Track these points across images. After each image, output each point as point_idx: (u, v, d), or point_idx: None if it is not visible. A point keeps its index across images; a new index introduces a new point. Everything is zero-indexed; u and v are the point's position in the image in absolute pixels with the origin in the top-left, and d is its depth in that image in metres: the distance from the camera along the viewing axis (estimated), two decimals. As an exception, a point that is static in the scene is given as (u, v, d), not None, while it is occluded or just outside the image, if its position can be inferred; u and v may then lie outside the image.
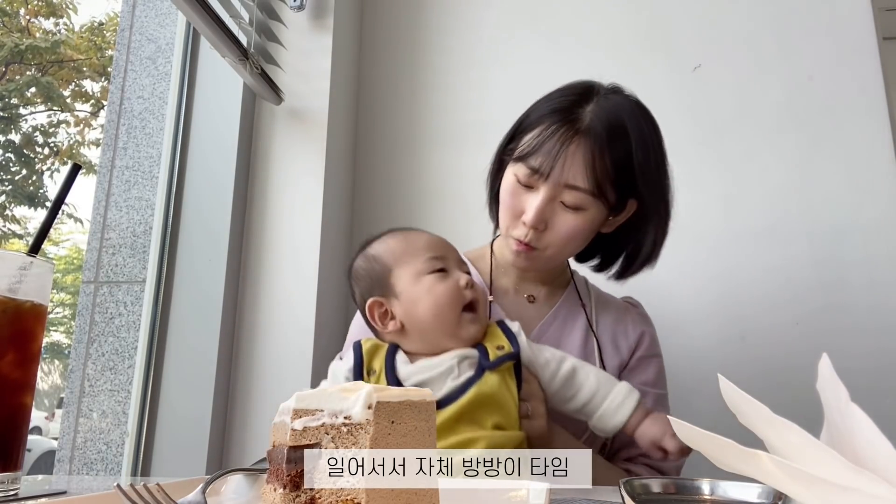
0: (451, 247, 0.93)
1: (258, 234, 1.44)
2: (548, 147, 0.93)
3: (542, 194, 0.94)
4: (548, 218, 0.96)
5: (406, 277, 0.88)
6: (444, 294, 0.86)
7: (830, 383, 0.37)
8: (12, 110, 8.31)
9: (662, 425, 0.85)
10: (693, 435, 0.38)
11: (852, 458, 0.33)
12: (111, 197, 1.47)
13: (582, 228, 0.96)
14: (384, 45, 1.78)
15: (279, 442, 0.51)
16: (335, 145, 1.54)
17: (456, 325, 0.86)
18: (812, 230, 1.48)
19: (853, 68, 1.52)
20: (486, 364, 0.83)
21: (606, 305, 1.13)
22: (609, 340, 1.07)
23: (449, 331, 0.86)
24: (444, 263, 0.89)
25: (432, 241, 0.92)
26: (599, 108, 0.96)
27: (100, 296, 1.41)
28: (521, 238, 0.97)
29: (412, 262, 0.89)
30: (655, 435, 0.85)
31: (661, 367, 1.11)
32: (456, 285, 0.87)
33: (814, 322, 1.43)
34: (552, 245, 0.97)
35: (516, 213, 0.97)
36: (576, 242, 0.99)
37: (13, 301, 0.67)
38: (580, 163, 0.92)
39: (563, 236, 0.96)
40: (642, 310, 1.15)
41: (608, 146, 0.93)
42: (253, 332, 1.39)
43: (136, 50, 1.55)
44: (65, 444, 1.34)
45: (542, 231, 0.96)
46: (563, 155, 0.92)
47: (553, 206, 0.95)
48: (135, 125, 1.50)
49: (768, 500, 0.44)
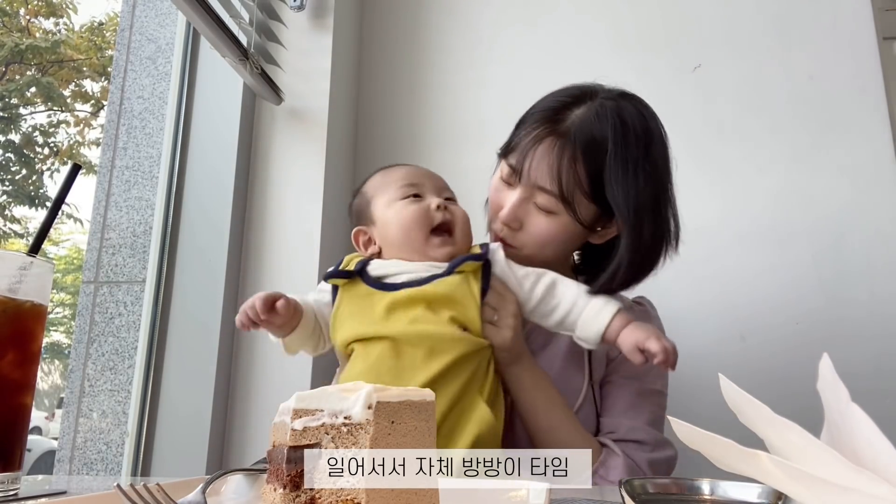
0: (430, 175, 0.97)
1: (258, 233, 1.44)
2: (523, 145, 0.94)
3: (517, 193, 0.96)
4: (522, 217, 0.96)
5: (382, 205, 0.94)
6: (410, 216, 0.91)
7: (831, 383, 0.37)
8: (12, 110, 8.31)
9: (646, 330, 0.84)
10: (693, 435, 0.38)
11: (853, 459, 0.33)
12: (111, 197, 1.47)
13: (555, 233, 0.94)
14: (384, 45, 1.78)
15: (279, 442, 0.51)
16: (335, 145, 1.54)
17: (424, 245, 0.90)
18: (812, 230, 1.48)
19: (853, 68, 1.52)
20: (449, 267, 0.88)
21: None
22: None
23: (419, 250, 0.91)
24: (418, 190, 0.93)
25: (409, 172, 0.97)
26: (587, 113, 0.92)
27: (100, 296, 1.41)
28: (497, 233, 1.00)
29: (388, 190, 0.94)
30: (639, 338, 0.83)
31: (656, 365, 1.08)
32: (425, 208, 0.91)
33: (814, 322, 1.43)
34: (527, 245, 0.97)
35: (496, 208, 1.00)
36: (552, 246, 0.96)
37: (13, 301, 0.67)
38: (546, 165, 0.91)
39: (536, 238, 0.95)
40: (649, 309, 1.11)
41: (582, 155, 0.90)
42: (253, 332, 1.38)
43: (136, 50, 1.55)
44: (65, 444, 1.34)
45: (517, 230, 0.97)
46: (532, 154, 0.92)
47: (527, 206, 0.95)
48: (135, 125, 1.50)
49: (768, 500, 0.44)
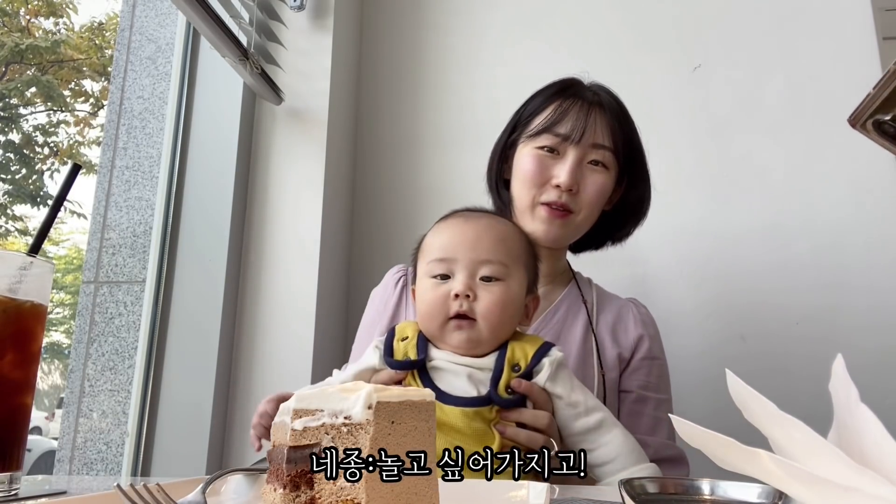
0: (471, 244, 0.85)
1: (258, 233, 1.44)
2: (573, 114, 1.04)
3: (573, 156, 1.03)
4: (580, 179, 1.04)
5: (419, 273, 0.90)
6: (430, 302, 0.85)
7: (843, 383, 0.37)
8: (12, 110, 8.31)
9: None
10: (694, 433, 0.38)
11: (859, 459, 0.33)
12: (111, 197, 1.47)
13: (607, 187, 1.06)
14: (384, 45, 1.78)
15: (279, 442, 0.51)
16: (335, 145, 1.54)
17: (440, 332, 0.84)
18: (812, 230, 1.48)
19: (853, 68, 1.52)
20: (493, 396, 0.80)
21: (609, 303, 1.13)
22: (609, 338, 1.07)
23: (437, 337, 0.85)
24: (448, 267, 0.85)
25: (446, 240, 0.88)
26: (604, 92, 1.10)
27: (100, 296, 1.41)
28: (555, 200, 1.03)
29: (423, 260, 0.89)
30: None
31: (664, 371, 1.10)
32: (444, 295, 0.83)
33: (814, 322, 1.43)
34: (585, 207, 1.05)
35: (544, 180, 1.04)
36: (600, 204, 1.07)
37: (13, 301, 0.67)
38: (605, 124, 1.05)
39: (592, 197, 1.04)
40: (646, 311, 1.14)
41: (622, 118, 1.08)
42: (253, 332, 1.39)
43: (136, 50, 1.55)
44: (65, 444, 1.34)
45: (575, 194, 1.04)
46: (592, 119, 1.04)
47: (582, 168, 1.04)
48: (135, 125, 1.50)
49: (768, 500, 0.44)
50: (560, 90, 1.08)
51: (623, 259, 1.52)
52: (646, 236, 1.38)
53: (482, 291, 0.83)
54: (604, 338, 1.07)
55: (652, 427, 1.03)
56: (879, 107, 0.49)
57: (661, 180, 1.59)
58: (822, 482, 0.32)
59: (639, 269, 1.51)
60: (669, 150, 1.57)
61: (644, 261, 1.52)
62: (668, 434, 1.04)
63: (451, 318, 0.83)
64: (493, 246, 0.85)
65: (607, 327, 1.09)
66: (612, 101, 1.09)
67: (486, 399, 0.79)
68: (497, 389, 0.80)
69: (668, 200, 1.56)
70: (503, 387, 0.80)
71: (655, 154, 1.63)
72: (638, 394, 1.05)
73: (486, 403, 0.79)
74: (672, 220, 1.53)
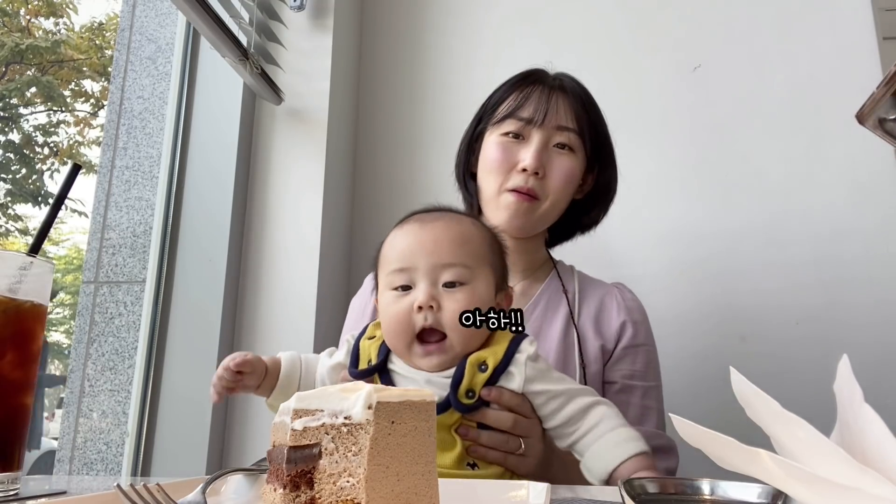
0: (430, 249, 0.80)
1: (258, 234, 1.44)
2: (534, 98, 1.05)
3: (537, 138, 1.03)
4: (545, 163, 1.03)
5: (380, 286, 0.84)
6: (393, 318, 0.79)
7: (847, 383, 0.37)
8: (12, 110, 8.31)
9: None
10: (695, 433, 0.38)
11: (861, 458, 0.33)
12: (111, 197, 1.47)
13: (575, 171, 1.05)
14: (384, 45, 1.78)
15: (279, 442, 0.51)
16: (335, 145, 1.54)
17: (406, 353, 0.79)
18: (812, 230, 1.48)
19: (853, 68, 1.52)
20: (452, 401, 0.76)
21: (592, 292, 1.09)
22: (591, 329, 1.04)
23: (404, 356, 0.80)
24: (409, 277, 0.79)
25: (404, 249, 0.81)
26: (567, 78, 1.11)
27: (100, 296, 1.41)
28: (521, 185, 1.02)
29: (382, 271, 0.83)
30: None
31: (651, 357, 1.06)
32: (407, 309, 0.77)
33: (814, 322, 1.43)
34: (552, 192, 1.03)
35: (510, 165, 1.03)
36: (568, 189, 1.06)
37: (13, 301, 0.67)
38: (568, 106, 1.05)
39: (559, 180, 1.03)
40: (631, 296, 1.10)
41: (586, 102, 1.08)
42: (253, 332, 1.39)
43: (136, 50, 1.55)
44: (65, 444, 1.34)
45: (542, 178, 1.02)
46: (554, 101, 1.04)
47: (547, 151, 1.04)
48: (135, 125, 1.50)
49: (768, 500, 0.44)
50: (522, 78, 1.10)
51: (622, 259, 1.52)
52: (645, 236, 1.38)
53: (446, 300, 0.77)
54: (586, 330, 1.04)
55: (640, 416, 1.00)
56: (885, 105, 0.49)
57: (661, 180, 1.59)
58: (822, 482, 0.32)
59: (638, 269, 1.50)
60: (669, 149, 1.58)
61: (643, 260, 1.51)
62: (658, 423, 1.01)
63: (417, 338, 0.78)
64: (452, 248, 0.79)
65: (590, 318, 1.05)
66: (576, 85, 1.09)
67: (445, 405, 0.75)
68: (458, 394, 0.75)
69: (668, 200, 1.56)
70: (464, 391, 0.76)
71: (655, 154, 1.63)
72: (622, 384, 1.01)
73: (445, 409, 0.76)
74: (672, 219, 1.53)
